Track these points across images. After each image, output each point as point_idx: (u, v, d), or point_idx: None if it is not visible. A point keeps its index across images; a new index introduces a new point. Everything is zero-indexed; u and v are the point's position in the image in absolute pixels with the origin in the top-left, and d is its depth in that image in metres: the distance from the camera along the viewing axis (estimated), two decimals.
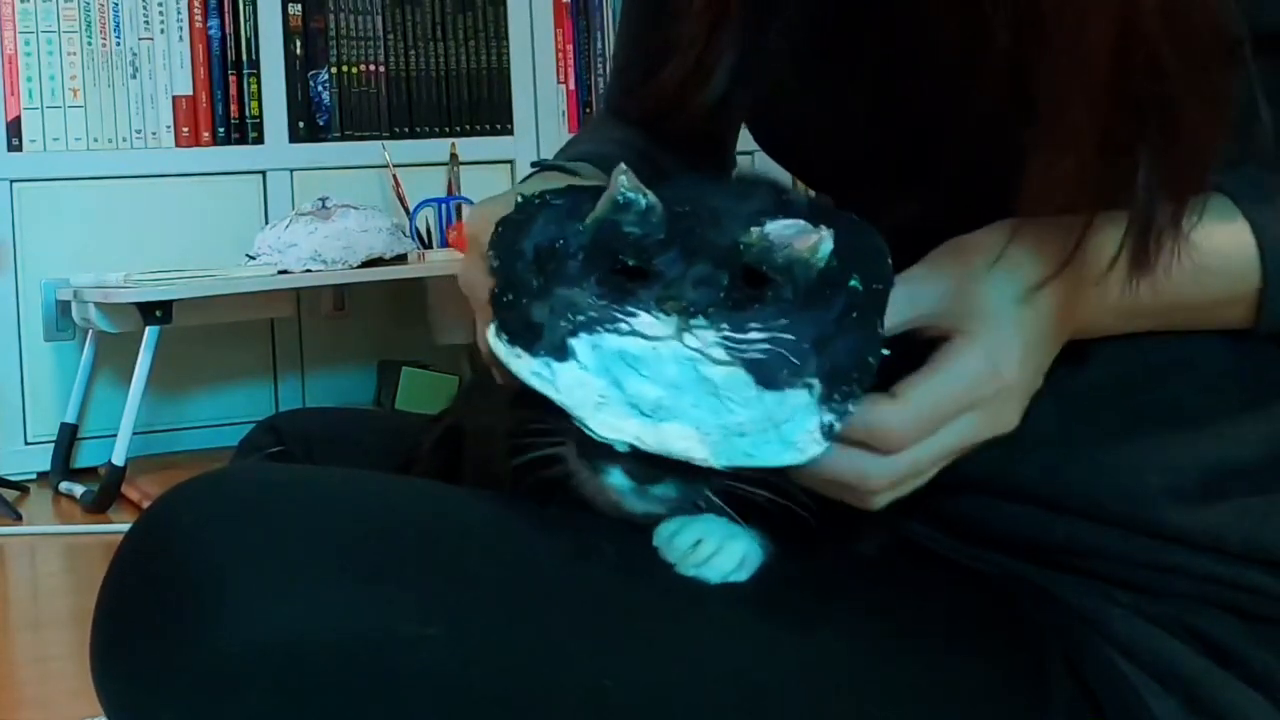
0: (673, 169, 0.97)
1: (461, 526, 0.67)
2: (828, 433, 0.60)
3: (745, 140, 0.88)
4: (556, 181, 0.74)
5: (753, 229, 0.62)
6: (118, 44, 3.10)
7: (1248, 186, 0.67)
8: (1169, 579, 0.72)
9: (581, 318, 0.62)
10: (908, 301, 0.64)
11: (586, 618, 0.64)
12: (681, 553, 0.66)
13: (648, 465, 0.62)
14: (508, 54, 3.44)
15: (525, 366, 0.62)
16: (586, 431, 0.61)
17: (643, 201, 0.63)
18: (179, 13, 3.14)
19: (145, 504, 2.45)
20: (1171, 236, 0.62)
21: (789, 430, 0.60)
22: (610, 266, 0.63)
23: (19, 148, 3.01)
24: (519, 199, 0.67)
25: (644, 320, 0.62)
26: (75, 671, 1.69)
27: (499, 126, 3.41)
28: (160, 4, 3.13)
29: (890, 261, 0.64)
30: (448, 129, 3.36)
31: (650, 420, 0.60)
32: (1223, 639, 0.71)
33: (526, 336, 0.63)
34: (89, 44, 3.08)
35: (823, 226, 0.62)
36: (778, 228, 0.62)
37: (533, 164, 0.87)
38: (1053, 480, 0.72)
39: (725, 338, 0.61)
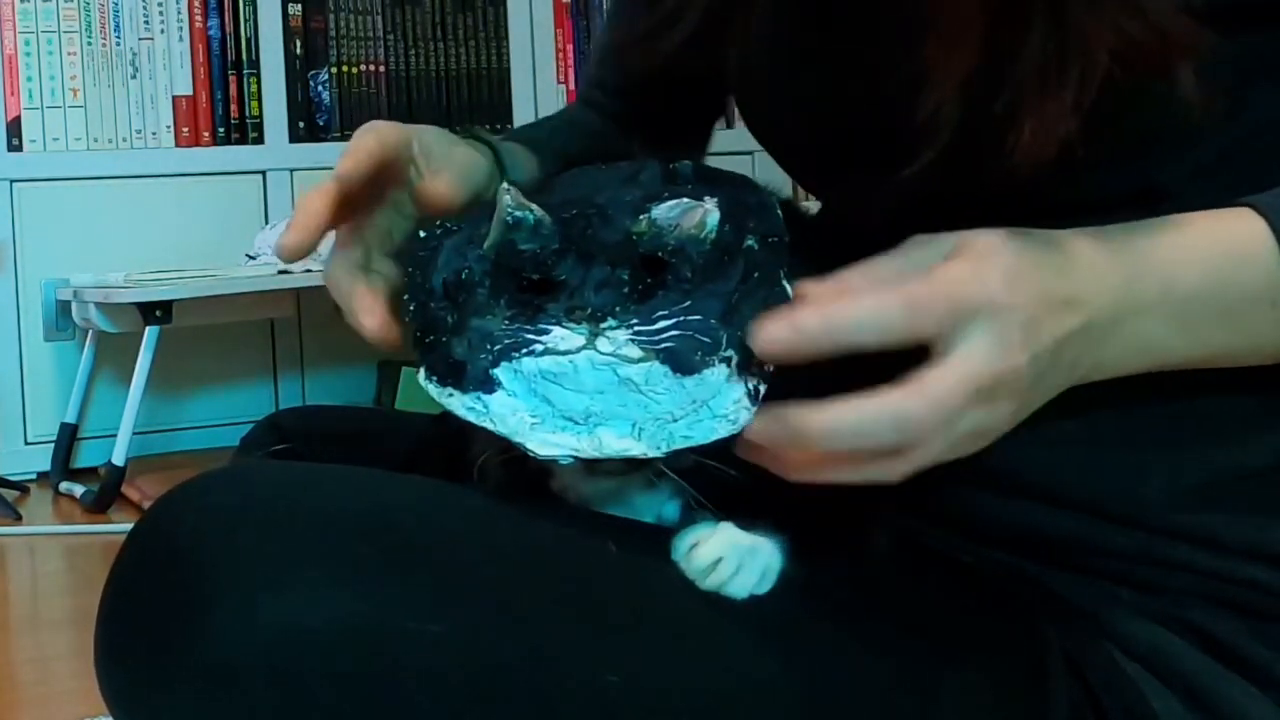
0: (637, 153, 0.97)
1: (463, 524, 0.67)
2: (755, 398, 0.61)
3: (744, 141, 0.88)
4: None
5: (640, 218, 0.63)
6: (118, 44, 3.10)
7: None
8: (1171, 575, 0.72)
9: (498, 346, 0.63)
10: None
11: (589, 615, 0.64)
12: (701, 570, 0.66)
13: (591, 464, 0.64)
14: (508, 54, 3.44)
15: (459, 404, 0.64)
16: (528, 453, 0.63)
17: (530, 217, 0.63)
18: (179, 13, 3.14)
19: (145, 504, 2.46)
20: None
21: (717, 405, 0.61)
22: (517, 286, 0.64)
23: (19, 148, 3.01)
24: (420, 234, 0.69)
25: (556, 335, 0.62)
26: (75, 671, 1.70)
27: (499, 126, 3.41)
28: (160, 4, 3.13)
29: (780, 212, 0.65)
30: (447, 129, 3.36)
31: (584, 429, 0.62)
32: (1224, 636, 0.71)
33: (453, 375, 0.64)
34: (89, 44, 3.08)
35: (707, 197, 0.63)
36: (663, 211, 0.62)
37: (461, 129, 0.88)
38: (1056, 478, 0.72)
39: (637, 333, 0.62)
